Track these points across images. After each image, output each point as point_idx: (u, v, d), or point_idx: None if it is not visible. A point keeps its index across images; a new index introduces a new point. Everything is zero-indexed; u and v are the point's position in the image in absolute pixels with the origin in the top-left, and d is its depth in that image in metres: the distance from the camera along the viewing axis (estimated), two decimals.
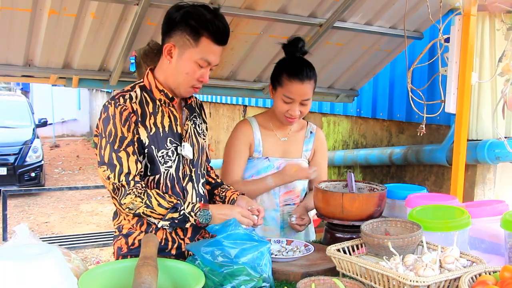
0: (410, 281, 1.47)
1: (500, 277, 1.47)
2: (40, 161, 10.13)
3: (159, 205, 1.83)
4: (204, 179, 2.11)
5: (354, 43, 3.64)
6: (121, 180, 1.82)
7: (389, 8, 3.32)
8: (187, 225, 1.88)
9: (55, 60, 3.27)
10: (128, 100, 1.86)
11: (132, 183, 1.82)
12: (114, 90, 1.83)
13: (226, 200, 2.13)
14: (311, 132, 2.60)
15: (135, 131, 1.85)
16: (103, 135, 1.84)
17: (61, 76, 3.44)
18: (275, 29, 3.30)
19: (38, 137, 10.73)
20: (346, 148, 5.45)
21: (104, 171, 1.84)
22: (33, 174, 9.85)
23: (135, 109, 1.86)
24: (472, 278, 1.49)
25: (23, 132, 10.46)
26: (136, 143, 1.85)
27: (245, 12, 3.07)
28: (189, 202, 1.88)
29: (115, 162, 1.82)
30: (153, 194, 1.84)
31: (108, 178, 1.83)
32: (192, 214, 1.85)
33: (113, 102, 1.85)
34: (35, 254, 1.40)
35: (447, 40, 2.73)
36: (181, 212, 1.84)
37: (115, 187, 1.84)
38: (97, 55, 3.28)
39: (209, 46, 1.85)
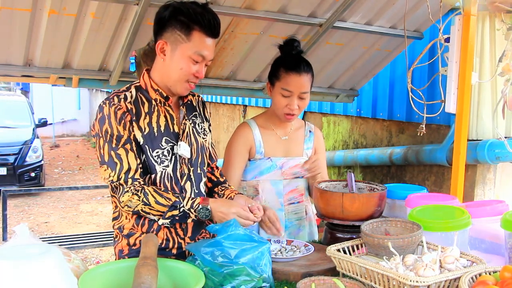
0: (410, 281, 1.47)
1: (500, 277, 1.47)
2: (40, 161, 10.12)
3: (157, 202, 1.82)
4: (205, 178, 2.10)
5: (354, 43, 3.64)
6: (120, 178, 1.83)
7: (389, 8, 3.32)
8: (189, 220, 1.88)
9: (55, 60, 3.26)
10: (122, 100, 1.87)
11: (130, 181, 1.83)
12: (113, 90, 1.85)
13: (224, 198, 2.11)
14: (310, 131, 2.61)
15: (130, 129, 1.85)
16: (100, 135, 1.85)
17: (61, 76, 3.43)
18: (275, 29, 3.30)
19: (38, 137, 10.72)
20: (346, 148, 5.45)
21: (105, 170, 1.85)
22: (33, 174, 9.84)
23: (129, 108, 1.86)
24: (472, 278, 1.49)
25: (23, 132, 10.44)
26: (133, 141, 1.86)
27: (245, 12, 3.07)
28: (189, 198, 1.88)
29: (115, 160, 1.83)
30: (150, 191, 1.83)
31: (109, 176, 1.84)
32: (192, 210, 1.85)
33: (107, 102, 1.86)
34: (35, 254, 1.39)
35: (447, 40, 2.73)
36: (181, 209, 1.84)
37: (114, 185, 1.86)
38: (97, 55, 3.28)
39: (201, 39, 1.84)
